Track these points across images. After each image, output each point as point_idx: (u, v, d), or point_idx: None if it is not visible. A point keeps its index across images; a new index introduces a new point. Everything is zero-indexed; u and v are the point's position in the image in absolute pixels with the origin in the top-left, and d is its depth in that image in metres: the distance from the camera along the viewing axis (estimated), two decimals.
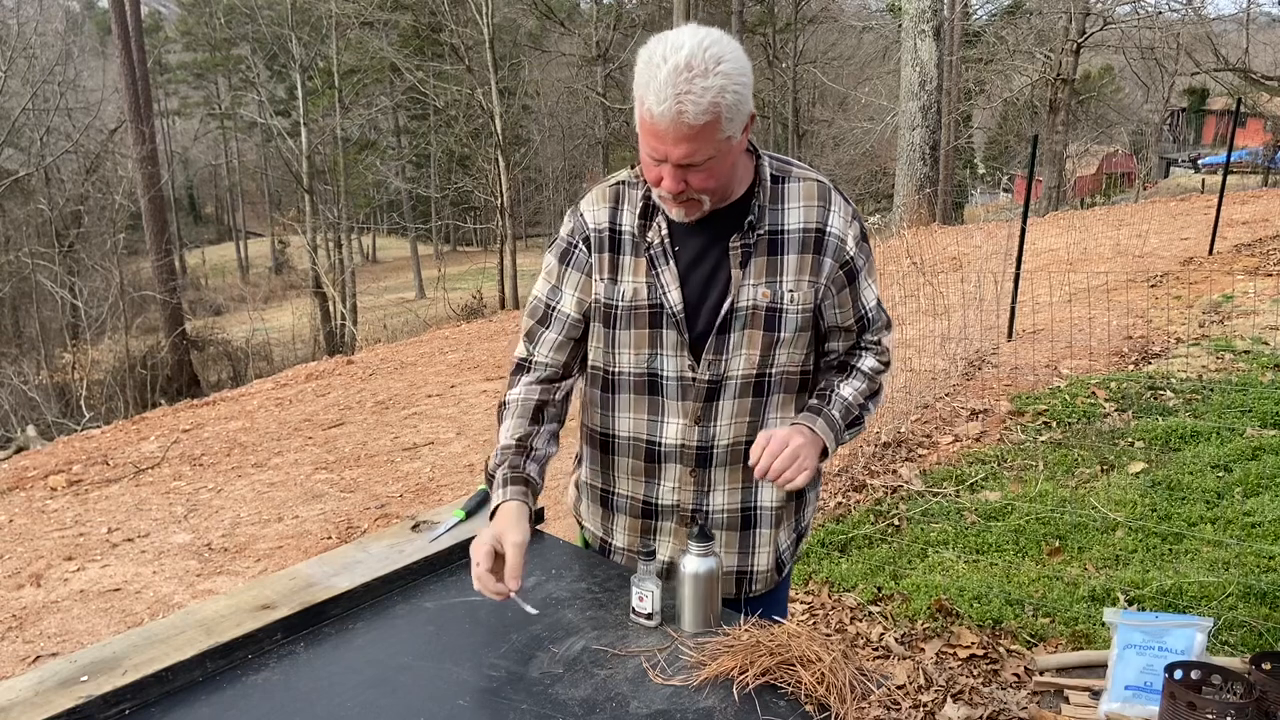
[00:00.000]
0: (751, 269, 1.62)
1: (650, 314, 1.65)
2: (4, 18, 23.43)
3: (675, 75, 1.42)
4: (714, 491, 1.73)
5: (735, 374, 1.66)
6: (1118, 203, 19.62)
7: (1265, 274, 8.54)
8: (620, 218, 1.67)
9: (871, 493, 4.42)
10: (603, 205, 1.69)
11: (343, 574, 1.71)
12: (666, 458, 1.72)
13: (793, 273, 1.64)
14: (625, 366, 1.70)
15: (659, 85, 1.43)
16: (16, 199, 22.48)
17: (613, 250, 1.67)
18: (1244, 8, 26.19)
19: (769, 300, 1.63)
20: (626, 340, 1.68)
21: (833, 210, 1.66)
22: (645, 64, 1.46)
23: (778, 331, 1.65)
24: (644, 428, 1.72)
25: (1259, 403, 5.00)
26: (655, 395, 1.70)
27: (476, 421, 6.57)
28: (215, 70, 37.89)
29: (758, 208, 1.62)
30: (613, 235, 1.67)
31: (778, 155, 1.70)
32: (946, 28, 17.48)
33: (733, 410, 1.68)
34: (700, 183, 1.53)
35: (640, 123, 1.50)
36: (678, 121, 1.44)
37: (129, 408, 14.99)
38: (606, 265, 1.67)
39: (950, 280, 7.38)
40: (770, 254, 1.63)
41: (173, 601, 4.05)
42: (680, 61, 1.42)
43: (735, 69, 1.46)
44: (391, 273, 36.43)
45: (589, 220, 1.69)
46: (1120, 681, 2.29)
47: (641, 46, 1.51)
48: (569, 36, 28.31)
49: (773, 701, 1.40)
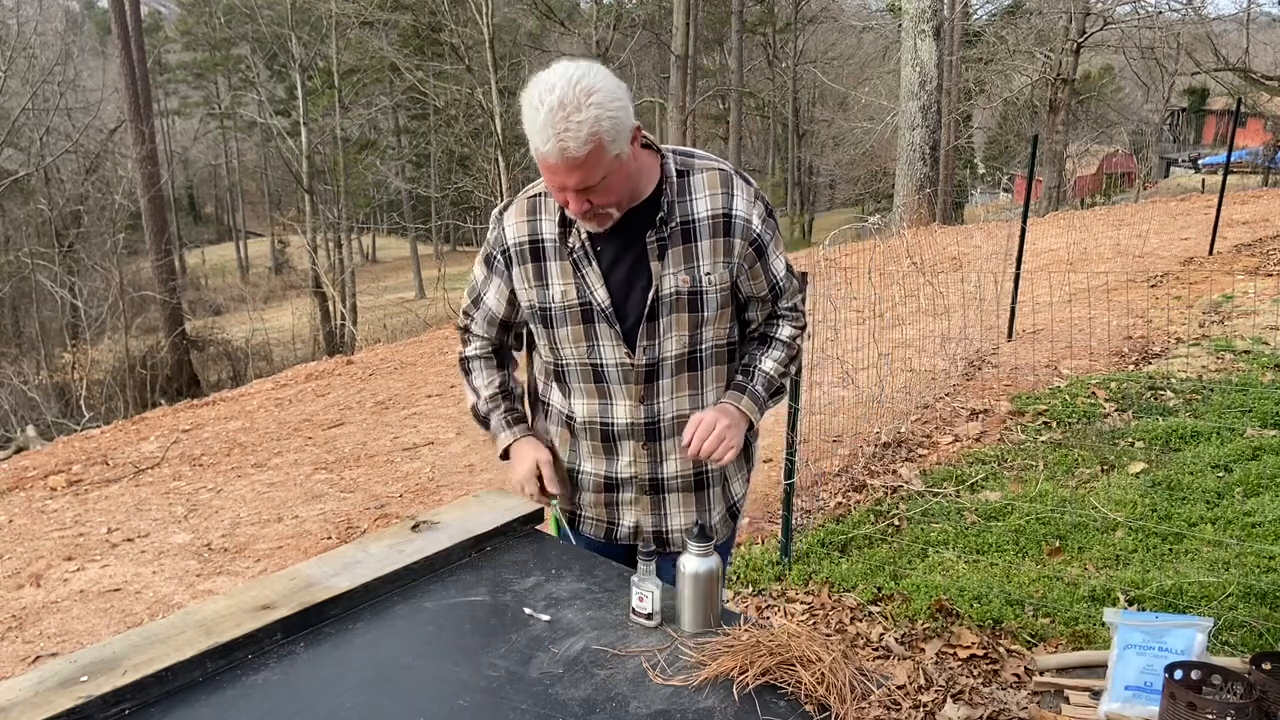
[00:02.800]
0: (669, 259, 1.77)
1: (582, 311, 1.81)
2: (4, 18, 23.43)
3: (551, 115, 1.56)
4: (666, 461, 1.91)
5: (670, 355, 1.82)
6: (1118, 203, 19.62)
7: (1265, 274, 8.54)
8: (540, 228, 1.82)
9: (871, 493, 4.42)
10: (523, 219, 1.84)
11: (343, 574, 1.71)
12: (620, 435, 1.89)
13: (708, 257, 1.79)
14: (570, 359, 1.87)
15: (540, 126, 1.57)
16: (16, 199, 22.48)
17: (535, 260, 1.83)
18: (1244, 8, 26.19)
19: (689, 285, 1.79)
20: (566, 336, 1.84)
21: (736, 194, 1.80)
22: (527, 107, 1.60)
23: (702, 311, 1.81)
24: (597, 411, 1.88)
25: (1259, 403, 5.00)
26: (601, 382, 1.86)
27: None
28: (215, 70, 37.88)
29: (667, 203, 1.76)
30: (534, 246, 1.83)
31: (680, 149, 1.83)
32: (946, 28, 17.48)
33: (672, 387, 1.86)
34: (602, 199, 1.67)
35: (537, 161, 1.64)
36: (563, 156, 1.58)
37: (129, 408, 15.00)
38: (532, 274, 1.84)
39: (950, 280, 7.38)
40: (685, 242, 1.78)
41: (173, 601, 4.05)
42: (554, 102, 1.56)
43: (607, 98, 1.59)
44: (391, 273, 36.42)
45: (509, 235, 1.85)
46: (1120, 681, 2.29)
47: (522, 91, 1.64)
48: (569, 36, 28.29)
49: (773, 701, 1.40)
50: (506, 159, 20.66)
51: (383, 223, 38.75)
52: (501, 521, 1.93)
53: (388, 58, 24.23)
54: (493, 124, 20.53)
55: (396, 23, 25.77)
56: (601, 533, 1.99)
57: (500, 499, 2.05)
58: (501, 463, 1.96)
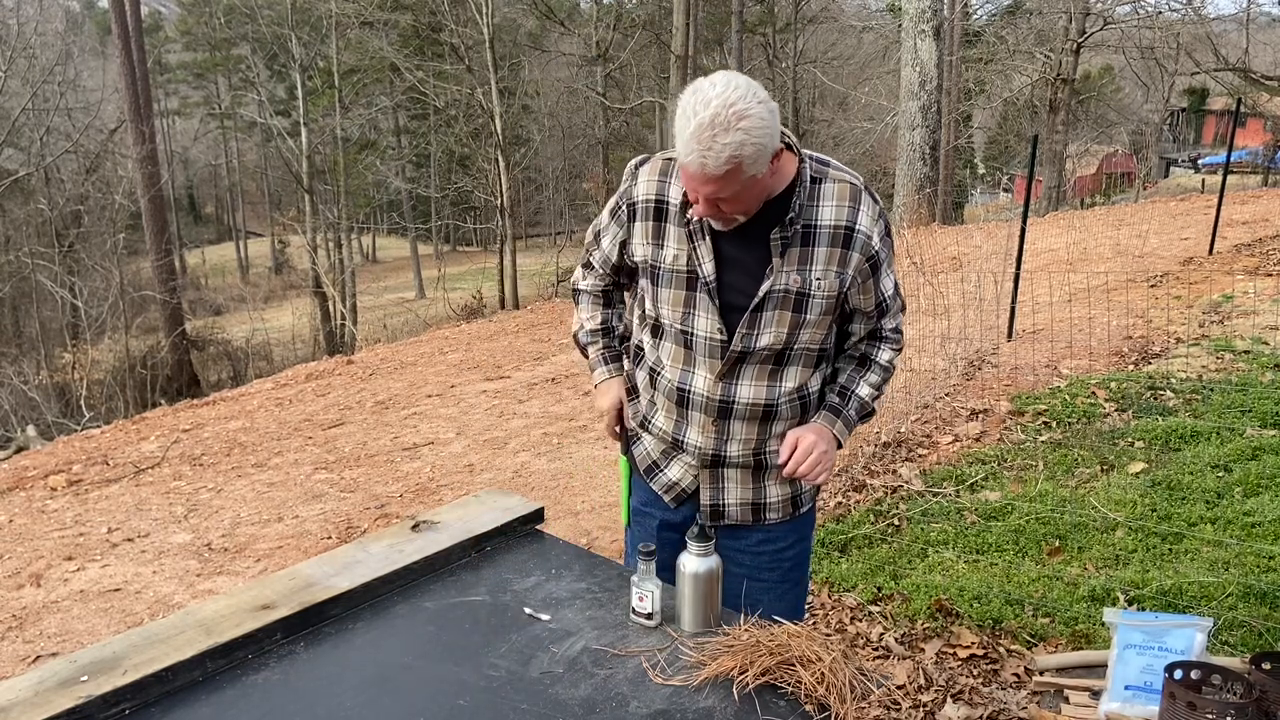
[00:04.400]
0: (787, 258, 1.83)
1: (688, 278, 1.87)
2: (4, 18, 23.42)
3: (700, 131, 1.61)
4: (731, 441, 1.94)
5: (763, 347, 1.87)
6: (1118, 203, 19.62)
7: (1265, 274, 8.54)
8: (668, 191, 1.88)
9: (871, 493, 4.42)
10: (654, 178, 1.90)
11: (343, 574, 1.71)
12: (693, 405, 1.94)
13: (821, 263, 1.84)
14: (666, 320, 1.93)
15: (687, 138, 1.63)
16: (16, 199, 22.47)
17: (657, 219, 1.89)
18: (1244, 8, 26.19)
19: (799, 286, 1.84)
20: (667, 298, 1.90)
21: (861, 209, 1.86)
22: (681, 115, 1.65)
23: (804, 314, 1.86)
24: (678, 375, 1.94)
25: (1259, 403, 5.00)
26: (689, 350, 1.91)
27: (476, 421, 6.57)
28: (215, 70, 37.86)
29: (798, 205, 1.81)
30: (659, 206, 1.89)
31: (818, 156, 1.89)
32: (946, 28, 17.48)
33: (754, 374, 1.90)
34: (730, 209, 1.75)
35: (681, 166, 1.70)
36: (703, 171, 1.65)
37: (129, 408, 14.99)
38: (650, 232, 1.91)
39: (950, 280, 7.38)
40: (804, 245, 1.83)
41: (173, 601, 4.05)
42: (706, 118, 1.61)
43: (756, 124, 1.63)
44: (391, 273, 36.41)
45: (639, 191, 1.92)
46: (1120, 681, 2.29)
47: (683, 91, 1.68)
48: (569, 36, 28.29)
49: (773, 701, 1.40)
50: (506, 159, 20.64)
51: (383, 223, 38.74)
52: (501, 521, 1.93)
53: (388, 58, 24.23)
54: (493, 124, 20.51)
55: (396, 23, 25.77)
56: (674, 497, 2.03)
57: (500, 499, 2.05)
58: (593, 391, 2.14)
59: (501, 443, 6.01)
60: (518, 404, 6.97)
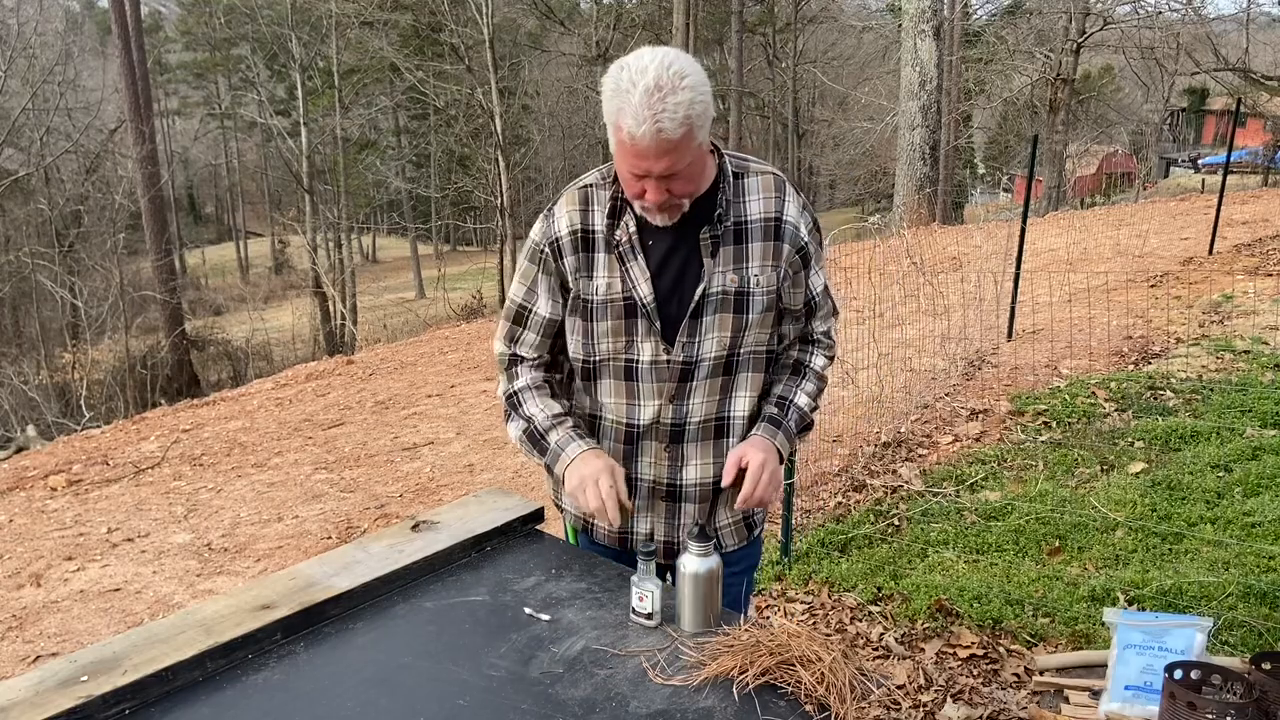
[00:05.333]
0: (720, 257, 1.75)
1: (625, 305, 1.77)
2: (4, 18, 23.41)
3: (648, 97, 1.54)
4: (687, 466, 1.86)
5: (708, 355, 1.78)
6: (1118, 203, 19.61)
7: (1265, 274, 8.54)
8: (591, 219, 1.78)
9: (871, 493, 4.42)
10: (574, 209, 1.79)
11: (343, 574, 1.71)
12: (644, 436, 1.84)
13: (758, 259, 1.77)
14: (604, 355, 1.81)
15: (635, 108, 1.55)
16: (16, 199, 22.48)
17: (585, 250, 1.78)
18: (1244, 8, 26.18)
19: (737, 285, 1.76)
20: (604, 331, 1.79)
21: (787, 200, 1.80)
22: (614, 91, 1.58)
23: (746, 314, 1.78)
24: (624, 411, 1.84)
25: (1259, 403, 5.00)
26: (632, 381, 1.81)
27: (476, 421, 6.57)
28: (215, 70, 37.86)
29: (724, 201, 1.75)
30: (585, 236, 1.78)
31: (733, 152, 1.82)
32: (946, 28, 17.47)
33: (705, 390, 1.81)
34: (681, 189, 1.67)
35: (619, 145, 1.61)
36: (658, 139, 1.56)
37: (129, 408, 14.99)
38: (581, 265, 1.79)
39: (950, 280, 7.38)
40: (736, 243, 1.76)
41: (173, 601, 4.05)
42: (650, 83, 1.54)
43: (698, 81, 1.58)
44: (391, 273, 36.41)
45: (560, 226, 1.79)
46: (1120, 681, 2.29)
47: (603, 76, 1.62)
48: (569, 36, 28.30)
49: (773, 701, 1.40)
50: (506, 159, 20.66)
51: (383, 223, 38.75)
52: (501, 521, 1.93)
53: (388, 58, 24.23)
54: (493, 124, 20.52)
55: (396, 23, 25.76)
56: (615, 541, 1.93)
57: (500, 499, 2.04)
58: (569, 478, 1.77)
59: (501, 443, 6.01)
60: None
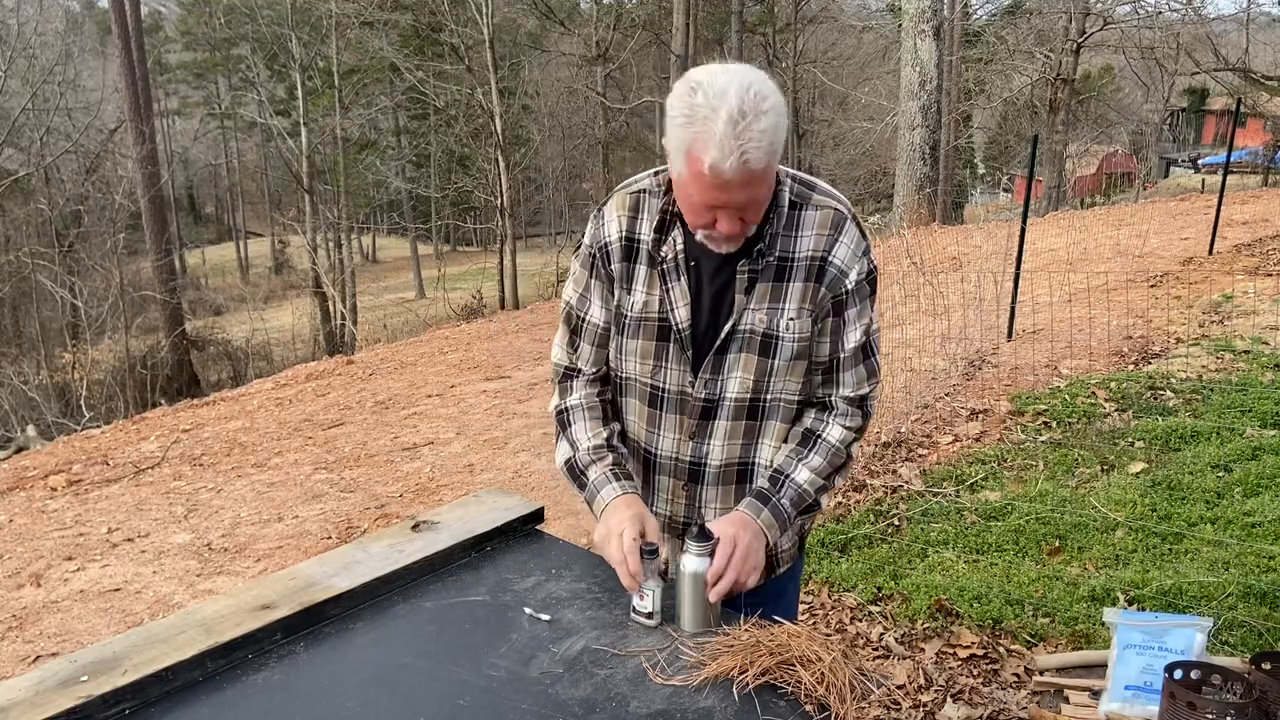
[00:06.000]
0: (755, 294, 1.61)
1: (660, 327, 1.65)
2: (4, 18, 23.41)
3: (732, 126, 1.38)
4: (705, 509, 1.74)
5: (730, 396, 1.66)
6: (1118, 203, 19.61)
7: (1265, 274, 8.54)
8: (639, 227, 1.66)
9: (871, 493, 4.42)
10: (624, 214, 1.67)
11: (343, 574, 1.71)
12: (660, 469, 1.75)
13: (795, 300, 1.62)
14: (631, 373, 1.72)
15: (718, 139, 1.39)
16: (16, 199, 22.48)
17: (628, 259, 1.67)
18: (1244, 8, 26.19)
19: (765, 326, 1.62)
20: (634, 349, 1.69)
21: (841, 241, 1.62)
22: (688, 118, 1.41)
23: (773, 359, 1.63)
24: (643, 436, 1.75)
25: (1259, 403, 5.00)
26: (655, 408, 1.71)
27: (476, 421, 6.57)
28: (215, 70, 37.86)
29: (769, 235, 1.60)
30: (630, 244, 1.67)
31: (802, 177, 1.66)
32: (946, 28, 17.48)
33: (726, 431, 1.68)
34: (753, 217, 1.53)
35: (693, 176, 1.45)
36: (743, 171, 1.40)
37: (129, 408, 14.98)
38: (622, 275, 1.68)
39: (950, 280, 7.38)
40: (776, 280, 1.61)
41: (173, 601, 4.05)
42: (733, 110, 1.38)
43: (778, 101, 1.43)
44: (391, 273, 36.42)
45: (610, 230, 1.68)
46: (1120, 681, 2.29)
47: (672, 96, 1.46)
48: (569, 36, 28.30)
49: (773, 701, 1.40)
50: (506, 159, 20.65)
51: (383, 223, 38.75)
52: (501, 521, 1.93)
53: (388, 58, 24.24)
54: (493, 124, 20.52)
55: (396, 23, 25.76)
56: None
57: (500, 499, 2.04)
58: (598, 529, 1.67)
59: (501, 443, 6.01)
60: (518, 404, 6.97)
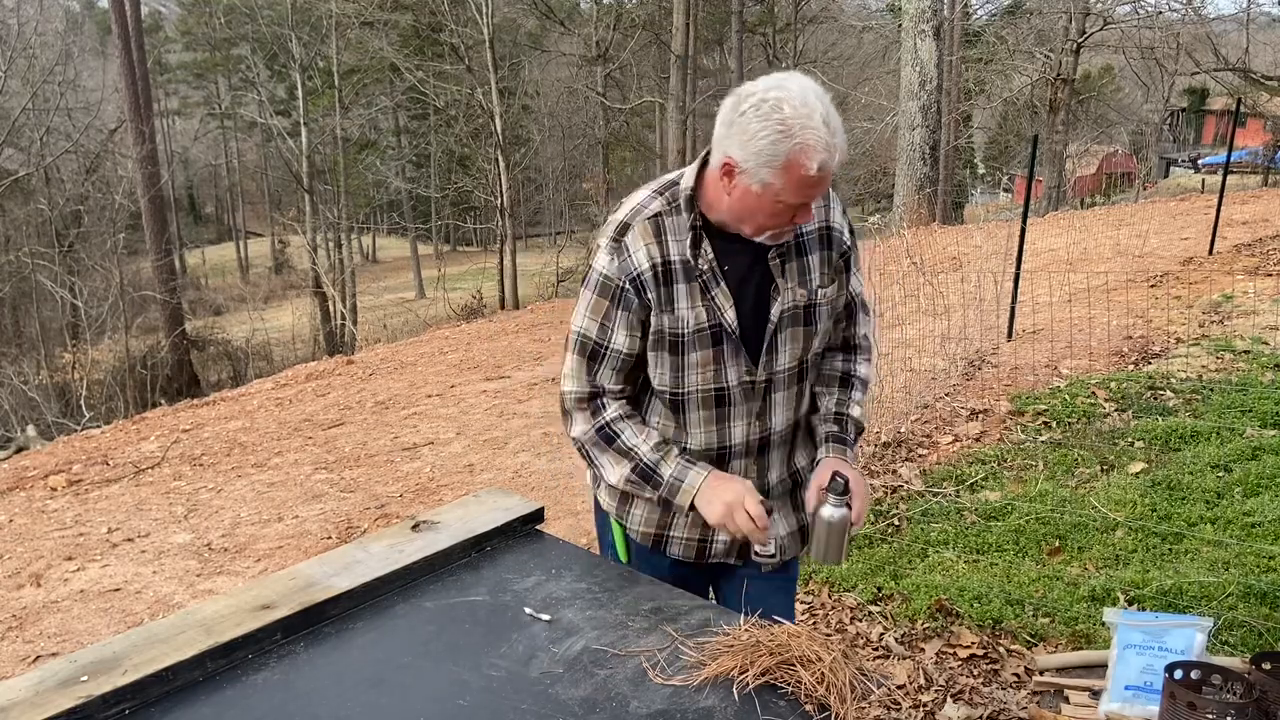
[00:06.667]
0: (788, 274, 1.77)
1: (713, 334, 1.75)
2: (4, 18, 23.42)
3: (827, 129, 1.57)
4: (770, 470, 1.89)
5: (784, 368, 1.81)
6: (1118, 203, 19.62)
7: (1265, 274, 8.54)
8: (668, 250, 1.72)
9: (871, 493, 4.42)
10: (650, 241, 1.72)
11: (343, 574, 1.71)
12: (733, 455, 1.85)
13: (818, 270, 1.80)
14: (694, 386, 1.78)
15: (822, 143, 1.56)
16: (16, 199, 22.48)
17: (666, 283, 1.72)
18: (1244, 8, 26.19)
19: (806, 299, 1.78)
20: (694, 362, 1.76)
21: (832, 206, 1.83)
22: (784, 132, 1.55)
23: (815, 324, 1.81)
24: (714, 437, 1.83)
25: (1259, 403, 5.00)
26: (723, 406, 1.81)
27: (476, 421, 6.57)
28: (215, 70, 37.87)
29: None
30: (665, 269, 1.72)
31: None
32: (946, 28, 17.48)
33: (785, 399, 1.85)
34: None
35: (796, 182, 1.59)
36: (829, 166, 1.59)
37: (129, 408, 14.99)
38: (663, 298, 1.73)
39: (950, 280, 7.38)
40: (798, 256, 1.78)
41: (173, 601, 4.05)
42: (823, 114, 1.57)
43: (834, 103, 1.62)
44: (391, 273, 36.42)
45: (639, 260, 1.72)
46: (1120, 681, 2.29)
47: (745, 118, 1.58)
48: (569, 36, 28.29)
49: (773, 701, 1.40)
50: (506, 159, 20.66)
51: (383, 223, 38.75)
52: (501, 521, 1.93)
53: (388, 58, 24.24)
54: (493, 124, 20.53)
55: (396, 23, 25.78)
56: (692, 552, 1.91)
57: (500, 499, 2.04)
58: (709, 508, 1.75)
59: (501, 443, 6.01)
60: (518, 404, 6.97)
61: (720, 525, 1.74)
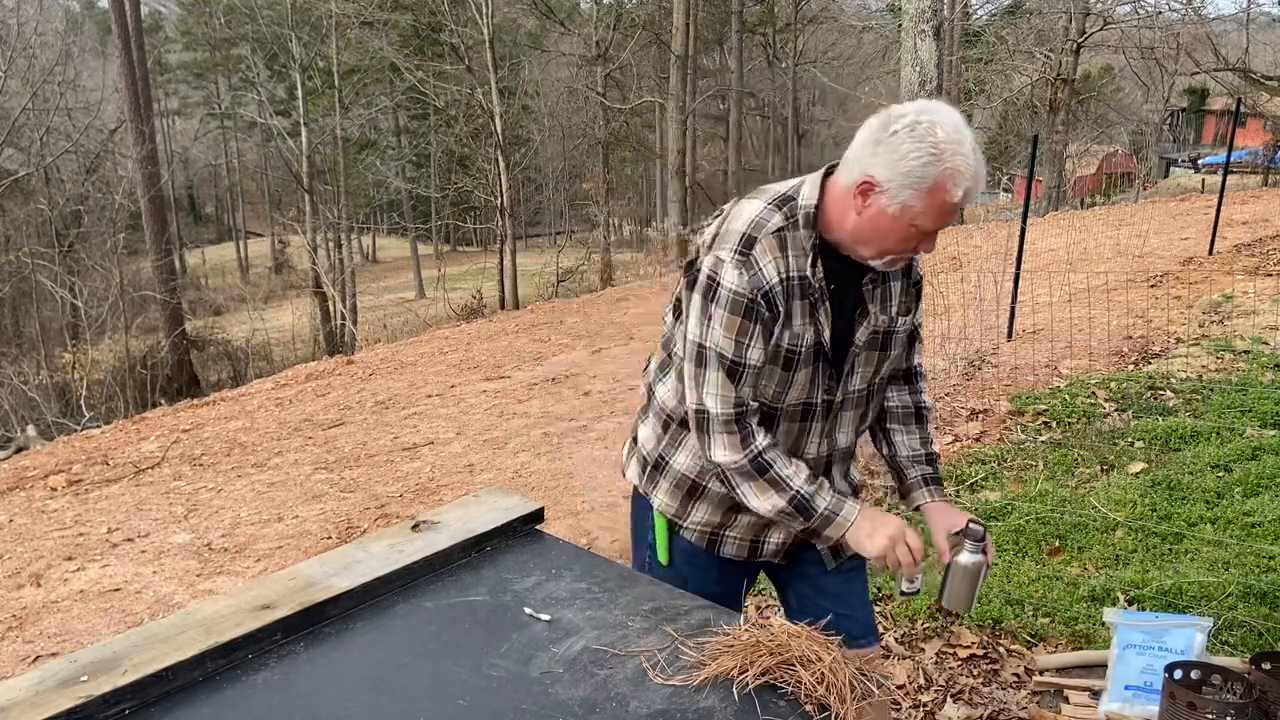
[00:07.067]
0: (876, 299, 1.80)
1: (816, 351, 1.77)
2: (4, 18, 23.41)
3: (976, 160, 1.59)
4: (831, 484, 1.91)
5: (856, 390, 1.84)
6: (1118, 203, 19.62)
7: (1265, 274, 8.54)
8: (792, 265, 1.72)
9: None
10: (778, 256, 1.71)
11: (343, 574, 1.71)
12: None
13: (898, 297, 1.83)
14: (793, 400, 1.80)
15: (973, 170, 1.59)
16: (16, 199, 22.48)
17: (788, 298, 1.73)
18: (1244, 8, 26.20)
19: (886, 325, 1.82)
20: (802, 378, 1.77)
21: None
22: (935, 155, 1.56)
23: (889, 350, 1.85)
24: (791, 450, 1.84)
25: (1259, 403, 5.00)
26: (806, 421, 1.83)
27: (476, 421, 6.57)
28: (215, 70, 37.87)
29: None
30: (788, 284, 1.72)
31: None
32: (946, 28, 17.47)
33: (851, 419, 1.88)
34: None
35: (938, 207, 1.60)
36: (972, 192, 1.61)
37: (129, 408, 14.99)
38: (783, 314, 1.73)
39: (950, 280, 7.38)
40: (884, 283, 1.81)
41: (173, 601, 4.05)
42: (969, 141, 1.59)
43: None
44: (391, 273, 36.42)
45: (769, 274, 1.70)
46: (1120, 681, 2.29)
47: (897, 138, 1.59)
48: (569, 36, 28.31)
49: (773, 701, 1.40)
50: (506, 159, 20.66)
51: (383, 223, 38.75)
52: (501, 521, 1.93)
53: (388, 58, 24.25)
54: (493, 124, 20.53)
55: (396, 23, 25.77)
56: (745, 551, 1.95)
57: (500, 498, 2.04)
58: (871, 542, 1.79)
59: (501, 443, 6.01)
60: (518, 404, 6.97)
61: (878, 557, 1.79)
